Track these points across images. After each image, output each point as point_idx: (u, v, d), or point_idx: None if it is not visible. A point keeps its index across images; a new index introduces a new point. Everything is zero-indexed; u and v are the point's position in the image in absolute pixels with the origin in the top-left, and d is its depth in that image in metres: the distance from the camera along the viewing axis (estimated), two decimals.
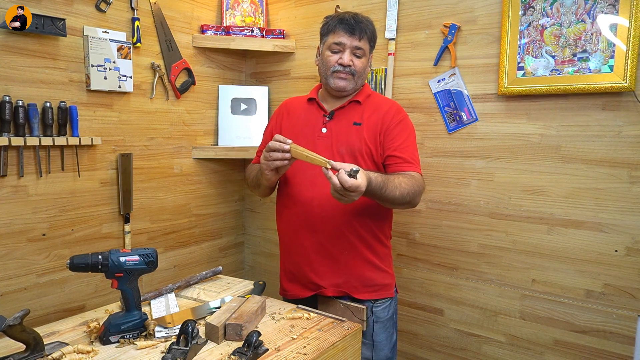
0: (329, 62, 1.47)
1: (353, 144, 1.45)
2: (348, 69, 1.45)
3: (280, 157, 1.32)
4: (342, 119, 1.50)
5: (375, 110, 1.50)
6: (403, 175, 1.39)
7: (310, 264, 1.48)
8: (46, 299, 1.73)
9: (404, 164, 1.44)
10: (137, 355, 1.06)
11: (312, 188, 1.46)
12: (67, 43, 1.72)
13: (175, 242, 2.21)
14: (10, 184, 1.61)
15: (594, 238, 1.62)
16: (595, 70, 1.55)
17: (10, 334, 0.97)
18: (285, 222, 1.56)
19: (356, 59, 1.46)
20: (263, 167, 1.38)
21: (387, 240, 1.56)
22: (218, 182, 2.41)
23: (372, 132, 1.46)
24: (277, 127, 1.60)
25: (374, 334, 1.50)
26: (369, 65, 1.52)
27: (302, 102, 1.60)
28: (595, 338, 1.63)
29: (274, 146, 1.32)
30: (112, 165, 1.91)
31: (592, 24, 1.54)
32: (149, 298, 1.39)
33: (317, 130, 1.50)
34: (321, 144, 1.47)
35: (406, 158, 1.45)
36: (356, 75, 1.47)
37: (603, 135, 1.58)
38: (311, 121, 1.53)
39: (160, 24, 2.04)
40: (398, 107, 1.53)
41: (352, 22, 1.43)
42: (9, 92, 1.57)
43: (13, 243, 1.63)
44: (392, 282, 1.56)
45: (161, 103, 2.09)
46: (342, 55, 1.45)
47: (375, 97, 1.56)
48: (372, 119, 1.48)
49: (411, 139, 1.50)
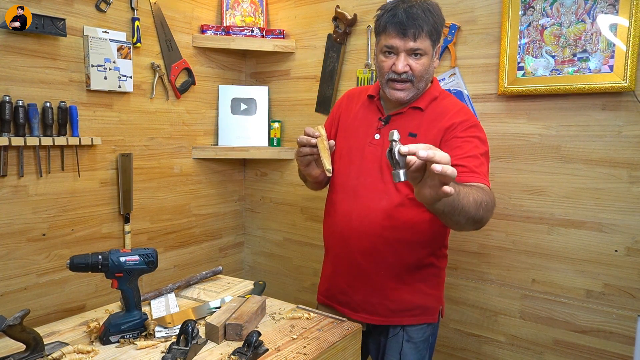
0: (382, 68, 1.28)
1: None
2: (405, 75, 1.25)
3: (309, 152, 1.26)
4: (397, 126, 1.31)
5: (437, 119, 1.30)
6: (473, 186, 1.14)
7: (345, 278, 1.39)
8: (46, 299, 1.73)
9: (469, 174, 1.19)
10: (137, 355, 1.06)
11: (354, 199, 1.34)
12: (67, 43, 1.72)
13: (175, 242, 2.21)
14: (10, 184, 1.61)
15: (594, 238, 1.62)
16: (595, 70, 1.55)
17: (10, 334, 0.97)
18: (325, 229, 1.47)
19: (414, 62, 1.25)
20: (298, 163, 1.35)
21: (437, 260, 1.38)
22: (218, 182, 2.41)
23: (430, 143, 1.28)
24: (335, 120, 1.48)
25: (402, 352, 1.37)
26: (433, 62, 1.30)
27: (363, 96, 1.44)
28: (595, 338, 1.63)
29: (302, 141, 1.25)
30: (112, 165, 1.91)
31: (592, 24, 1.54)
32: (149, 298, 1.39)
33: (370, 135, 1.35)
34: (370, 153, 1.33)
35: (472, 168, 1.20)
36: (416, 81, 1.27)
37: (603, 135, 1.58)
38: (366, 123, 1.38)
39: (160, 24, 2.04)
40: (467, 113, 1.31)
41: (404, 20, 1.20)
42: (9, 92, 1.57)
43: (13, 243, 1.63)
44: (437, 305, 1.40)
45: (161, 103, 2.09)
46: (397, 60, 1.25)
47: (442, 101, 1.34)
48: (432, 131, 1.28)
49: (480, 149, 1.25)
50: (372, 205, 1.30)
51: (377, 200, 1.30)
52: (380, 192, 1.31)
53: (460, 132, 1.26)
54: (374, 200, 1.31)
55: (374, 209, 1.29)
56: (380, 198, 1.30)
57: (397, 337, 1.39)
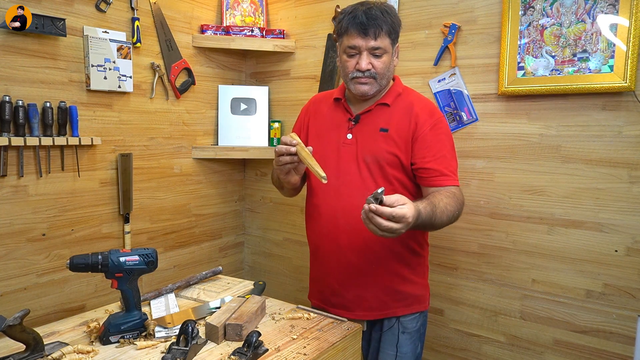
0: (346, 68, 1.34)
1: (379, 153, 1.35)
2: (368, 73, 1.31)
3: (289, 161, 1.26)
4: (368, 123, 1.38)
5: (405, 113, 1.36)
6: (445, 195, 1.27)
7: (336, 277, 1.42)
8: (46, 299, 1.73)
9: (440, 177, 1.32)
10: (137, 355, 1.06)
11: (337, 199, 1.38)
12: (67, 43, 1.72)
13: (175, 242, 2.21)
14: (10, 184, 1.61)
15: (594, 238, 1.62)
16: (595, 70, 1.54)
17: (10, 334, 0.97)
18: (310, 232, 1.50)
19: (376, 60, 1.31)
20: (277, 171, 1.34)
21: (420, 248, 1.45)
22: (218, 182, 2.41)
23: (401, 138, 1.34)
24: (304, 126, 1.52)
25: (398, 344, 1.42)
26: (393, 60, 1.37)
27: (329, 100, 1.49)
28: (595, 338, 1.63)
29: (281, 150, 1.26)
30: (112, 165, 1.91)
31: (592, 24, 1.54)
32: (148, 298, 1.39)
33: (343, 136, 1.40)
34: (346, 152, 1.39)
35: (442, 170, 1.32)
36: (378, 78, 1.33)
37: (603, 135, 1.58)
38: (337, 125, 1.43)
39: (160, 24, 2.04)
40: (432, 108, 1.40)
41: (364, 20, 1.27)
42: (9, 92, 1.57)
43: (13, 243, 1.63)
44: (426, 293, 1.48)
45: (161, 103, 2.09)
46: (359, 59, 1.31)
47: (407, 97, 1.40)
48: (402, 124, 1.35)
49: (447, 146, 1.36)
50: (355, 202, 1.32)
51: (360, 197, 1.32)
52: (361, 188, 1.35)
53: (428, 129, 1.34)
54: (356, 198, 1.33)
55: (358, 206, 1.26)
56: (362, 194, 1.32)
57: (392, 330, 1.43)
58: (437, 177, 1.32)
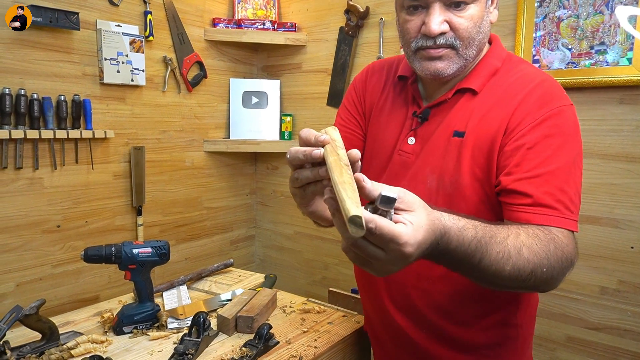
0: (407, 32, 0.85)
1: (446, 173, 0.85)
2: (443, 39, 0.82)
3: (311, 178, 0.67)
4: (439, 122, 0.88)
5: (500, 104, 0.83)
6: (528, 233, 0.74)
7: (379, 340, 1.07)
8: (61, 290, 1.76)
9: (533, 208, 0.77)
10: (150, 345, 1.07)
11: None
12: (81, 37, 1.73)
13: (186, 235, 2.23)
14: (26, 176, 1.63)
15: (610, 234, 1.59)
16: (613, 63, 1.51)
17: (26, 323, 0.99)
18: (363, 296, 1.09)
19: (455, 15, 0.81)
20: (291, 192, 0.77)
21: (516, 320, 0.96)
22: (229, 175, 2.42)
23: (481, 150, 0.83)
24: (360, 102, 1.03)
25: None
26: (488, 11, 0.86)
27: (391, 75, 1.00)
28: (609, 335, 1.61)
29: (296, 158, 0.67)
30: (125, 158, 1.92)
31: (611, 16, 1.50)
32: (161, 290, 1.40)
33: (402, 138, 0.92)
34: (400, 167, 0.90)
35: (540, 198, 0.77)
36: (462, 46, 0.83)
37: (620, 130, 1.55)
38: (395, 119, 0.95)
39: (173, 18, 2.04)
40: (548, 92, 0.83)
41: None
42: (24, 85, 1.59)
43: (29, 234, 1.66)
44: None
45: (173, 96, 2.10)
46: (427, 17, 0.81)
47: (508, 74, 0.87)
48: (489, 123, 0.83)
49: (562, 158, 0.80)
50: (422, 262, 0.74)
51: None
52: None
53: (528, 128, 0.80)
54: None
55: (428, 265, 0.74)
56: None
57: None
58: (527, 207, 0.78)
